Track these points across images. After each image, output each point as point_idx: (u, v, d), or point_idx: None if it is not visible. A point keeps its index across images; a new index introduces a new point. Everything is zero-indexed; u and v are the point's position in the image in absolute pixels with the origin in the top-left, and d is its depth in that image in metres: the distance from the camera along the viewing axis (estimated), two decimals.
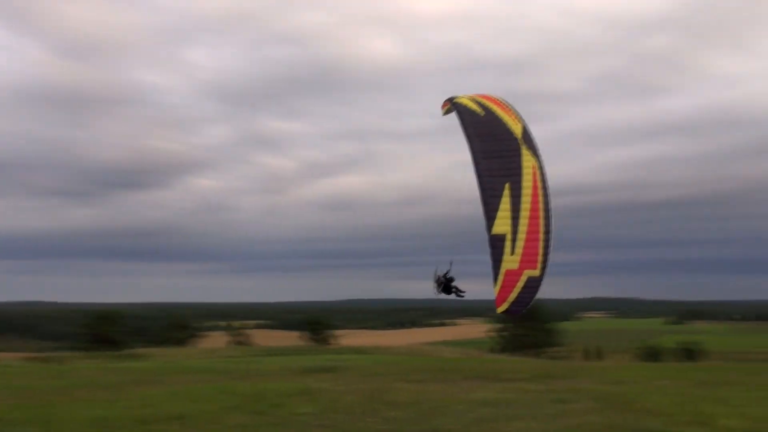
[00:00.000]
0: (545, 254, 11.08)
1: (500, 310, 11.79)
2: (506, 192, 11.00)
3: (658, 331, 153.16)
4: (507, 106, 11.88)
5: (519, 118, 11.62)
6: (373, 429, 13.14)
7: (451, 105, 12.11)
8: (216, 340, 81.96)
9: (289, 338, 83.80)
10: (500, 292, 11.33)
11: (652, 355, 76.81)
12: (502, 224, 11.01)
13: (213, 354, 49.58)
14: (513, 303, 11.45)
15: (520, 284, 11.16)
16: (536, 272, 11.11)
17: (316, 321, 78.81)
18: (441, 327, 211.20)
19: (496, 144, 11.24)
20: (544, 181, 11.15)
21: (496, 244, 11.05)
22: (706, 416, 13.83)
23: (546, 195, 11.11)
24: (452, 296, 13.54)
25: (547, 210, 11.04)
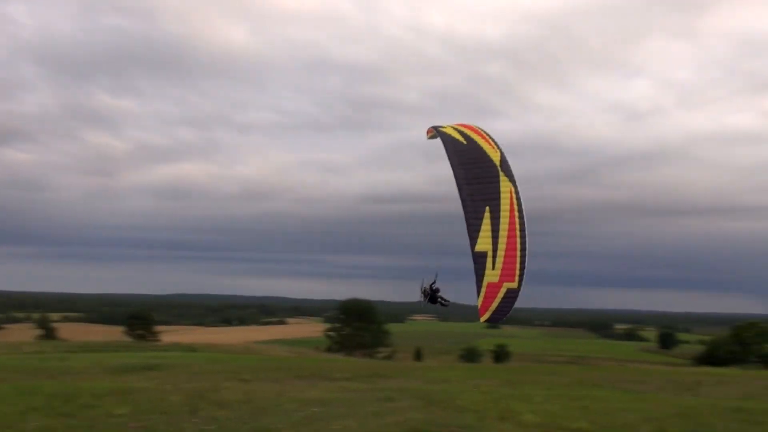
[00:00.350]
0: (521, 268, 12.21)
1: (483, 319, 12.80)
2: (487, 214, 12.14)
3: (477, 334, 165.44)
4: (486, 136, 12.90)
5: (497, 147, 12.66)
6: (195, 430, 12.67)
7: (436, 132, 13.08)
8: (21, 334, 73.32)
9: (110, 333, 77.62)
10: (483, 302, 12.42)
11: (471, 356, 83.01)
12: (483, 243, 12.13)
13: (17, 349, 44.24)
14: (494, 312, 12.51)
15: (500, 295, 12.29)
16: (514, 284, 12.24)
17: (138, 315, 73.83)
18: (275, 325, 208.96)
19: (477, 170, 12.36)
20: (519, 204, 12.26)
21: (479, 260, 12.18)
22: (511, 412, 15.29)
23: (521, 216, 12.25)
24: (434, 305, 14.13)
25: (522, 230, 12.20)
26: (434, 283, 14.04)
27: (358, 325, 73.59)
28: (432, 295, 14.18)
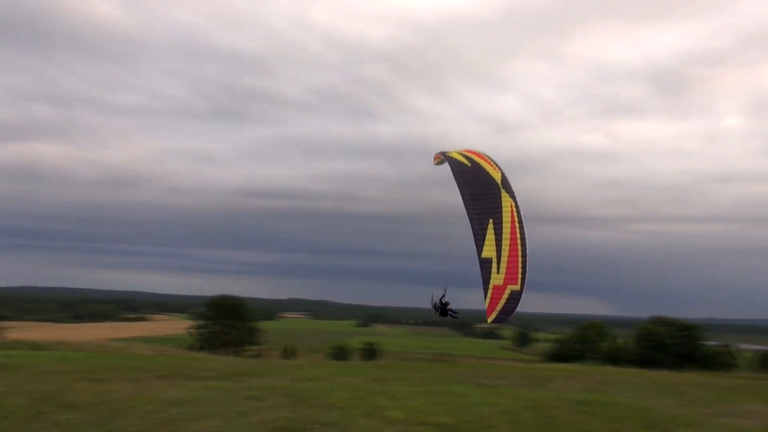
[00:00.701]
0: (523, 272, 13.58)
1: (490, 319, 13.90)
2: (491, 226, 13.65)
3: (348, 333, 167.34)
4: (489, 159, 14.56)
5: (498, 168, 14.33)
6: None
7: (444, 157, 14.74)
8: None
9: None
10: (489, 304, 13.63)
11: (341, 354, 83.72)
12: (488, 250, 13.61)
13: None
14: (500, 312, 13.66)
15: (505, 297, 13.55)
16: (517, 287, 13.57)
17: None
18: (136, 322, 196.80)
19: (481, 188, 13.98)
20: (519, 216, 13.79)
21: (485, 266, 13.58)
22: (377, 408, 15.65)
23: (522, 227, 13.75)
24: (444, 318, 15.67)
25: (523, 238, 13.67)
26: (443, 297, 15.34)
27: (226, 323, 71.31)
28: (442, 309, 15.45)
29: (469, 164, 14.53)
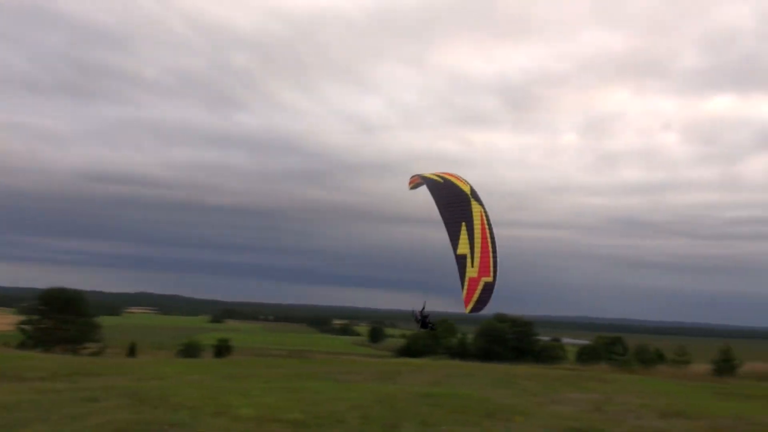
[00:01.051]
0: (494, 266, 15.05)
1: (468, 309, 15.04)
2: (463, 228, 15.28)
3: (200, 329, 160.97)
4: (458, 176, 16.48)
5: (467, 183, 16.19)
6: None
7: (421, 179, 16.58)
8: None
9: None
10: (466, 295, 14.95)
11: (191, 351, 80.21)
12: (463, 248, 15.14)
13: None
14: (476, 302, 14.92)
15: (480, 288, 14.91)
16: (490, 279, 14.98)
17: None
18: None
19: (452, 199, 15.78)
20: (488, 219, 15.49)
21: (460, 261, 15.09)
22: (227, 406, 15.27)
23: (491, 230, 15.42)
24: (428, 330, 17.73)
25: (492, 238, 15.31)
26: (423, 310, 17.20)
27: (61, 318, 65.24)
28: (423, 321, 17.05)
29: (441, 181, 16.42)
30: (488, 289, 15.06)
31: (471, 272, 15.11)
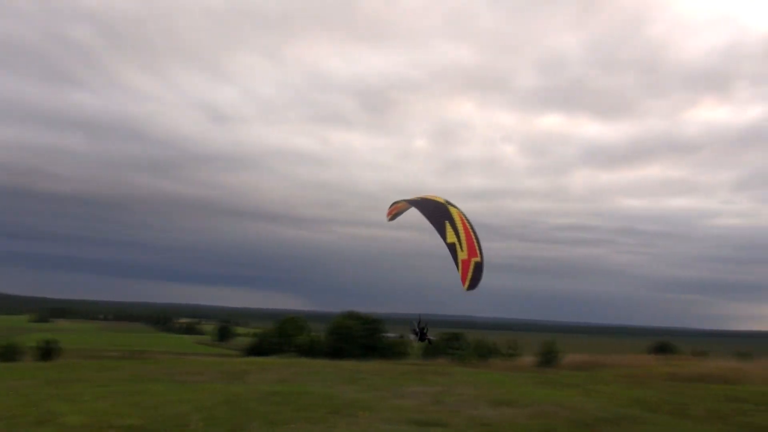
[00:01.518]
0: (479, 249, 17.11)
1: (466, 287, 16.43)
2: (448, 224, 17.35)
3: (23, 329, 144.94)
4: (434, 195, 18.98)
5: (442, 198, 18.63)
6: None
7: (405, 204, 18.97)
8: None
9: None
10: (462, 275, 16.55)
11: (9, 354, 71.79)
12: (451, 237, 17.09)
13: None
14: (471, 280, 16.48)
15: (472, 267, 16.68)
16: (479, 259, 16.88)
17: None
18: None
19: (432, 207, 18.20)
20: (467, 219, 17.79)
21: (451, 247, 16.95)
22: (52, 414, 13.97)
23: (471, 224, 17.66)
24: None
25: (474, 230, 17.53)
26: (420, 322, 19.26)
27: None
28: (421, 334, 18.76)
29: (420, 199, 18.88)
30: (479, 268, 16.90)
31: (462, 255, 16.93)
